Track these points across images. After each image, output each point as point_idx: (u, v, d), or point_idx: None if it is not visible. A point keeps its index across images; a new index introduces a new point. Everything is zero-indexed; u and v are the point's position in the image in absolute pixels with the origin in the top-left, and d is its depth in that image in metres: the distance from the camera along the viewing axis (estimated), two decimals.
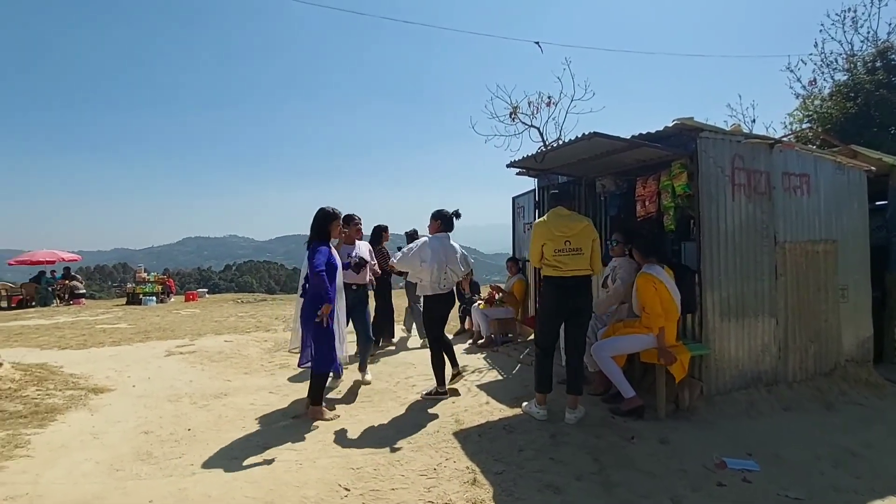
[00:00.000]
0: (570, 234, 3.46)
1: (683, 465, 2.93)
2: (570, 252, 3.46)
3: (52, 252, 16.62)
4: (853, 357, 4.60)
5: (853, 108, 9.65)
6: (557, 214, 3.59)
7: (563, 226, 3.48)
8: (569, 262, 3.46)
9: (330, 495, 2.60)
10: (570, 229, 3.47)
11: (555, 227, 3.48)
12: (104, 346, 6.68)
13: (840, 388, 4.30)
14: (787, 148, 4.33)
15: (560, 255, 3.46)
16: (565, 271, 3.47)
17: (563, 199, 3.68)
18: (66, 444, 3.27)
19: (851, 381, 4.41)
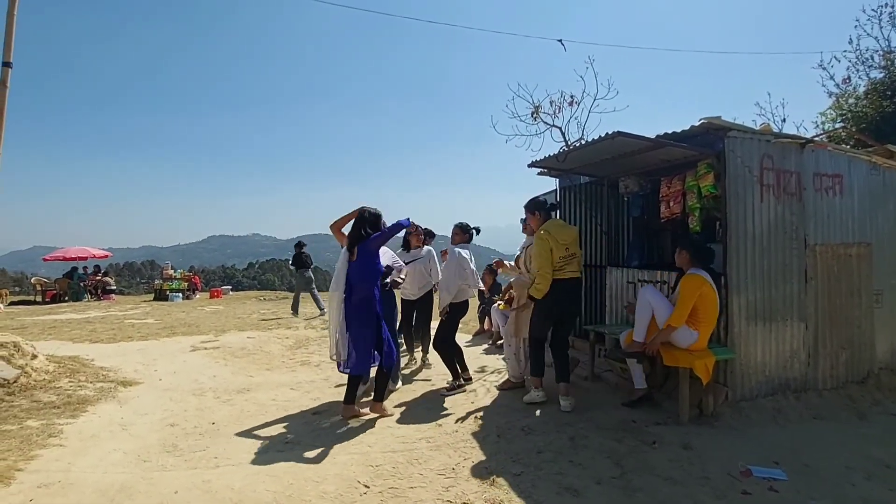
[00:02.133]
0: (569, 241, 3.89)
1: (706, 471, 2.87)
2: (569, 257, 3.87)
3: (84, 249, 17.24)
4: (888, 365, 4.43)
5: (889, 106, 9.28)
6: (556, 224, 3.99)
7: (564, 234, 3.89)
8: (570, 266, 3.88)
9: (349, 491, 2.62)
10: (569, 236, 3.91)
11: (558, 236, 3.85)
12: (133, 340, 6.88)
13: (873, 396, 4.15)
14: (819, 148, 4.20)
15: (563, 261, 3.85)
16: (567, 274, 3.86)
17: (555, 209, 4.07)
18: (96, 434, 3.38)
19: (885, 389, 4.24)
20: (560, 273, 3.84)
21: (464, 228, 4.61)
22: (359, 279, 3.72)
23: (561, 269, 3.84)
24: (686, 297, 3.54)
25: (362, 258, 3.75)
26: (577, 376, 4.73)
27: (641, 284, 4.58)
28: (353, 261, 3.76)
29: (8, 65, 4.85)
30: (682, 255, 3.75)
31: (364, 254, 3.74)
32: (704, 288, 3.55)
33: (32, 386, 4.19)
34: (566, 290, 3.89)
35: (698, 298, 3.53)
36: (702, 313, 3.55)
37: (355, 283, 3.72)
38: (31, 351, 4.65)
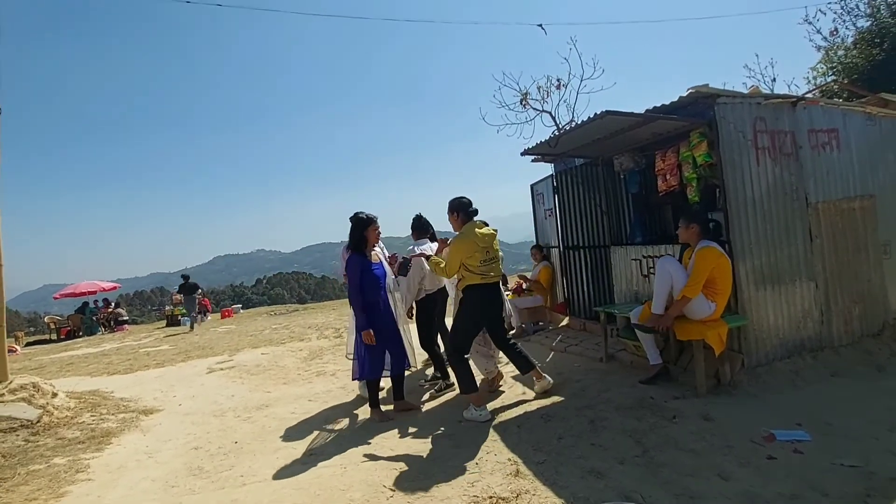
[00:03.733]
0: (489, 244, 3.70)
1: (729, 441, 2.87)
2: (490, 261, 3.70)
3: (93, 283, 17.38)
4: None
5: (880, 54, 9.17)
6: (475, 227, 3.74)
7: (483, 237, 3.69)
8: (491, 269, 3.71)
9: (375, 496, 2.64)
10: (489, 240, 3.71)
11: (478, 240, 3.66)
12: (149, 368, 6.95)
13: (891, 348, 4.13)
14: (811, 104, 4.16)
15: (485, 264, 3.67)
16: (489, 278, 3.69)
17: (474, 215, 3.82)
18: (123, 464, 3.43)
19: None
20: (486, 278, 3.66)
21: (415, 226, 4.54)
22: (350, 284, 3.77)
23: (484, 273, 3.65)
24: (702, 268, 3.50)
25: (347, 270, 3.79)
26: (590, 358, 4.74)
27: (648, 260, 4.58)
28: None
29: None
30: (691, 230, 3.65)
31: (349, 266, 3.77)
32: (721, 259, 3.53)
33: (55, 424, 4.25)
34: (491, 295, 3.73)
35: (716, 269, 3.51)
36: (720, 284, 3.53)
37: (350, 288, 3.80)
38: (51, 389, 4.71)
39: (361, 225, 3.80)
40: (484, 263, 3.66)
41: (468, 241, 3.65)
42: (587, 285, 6.11)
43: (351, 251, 3.83)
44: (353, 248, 3.82)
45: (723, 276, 3.54)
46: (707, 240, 3.62)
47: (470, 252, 3.63)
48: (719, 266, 3.52)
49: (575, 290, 6.28)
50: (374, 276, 3.81)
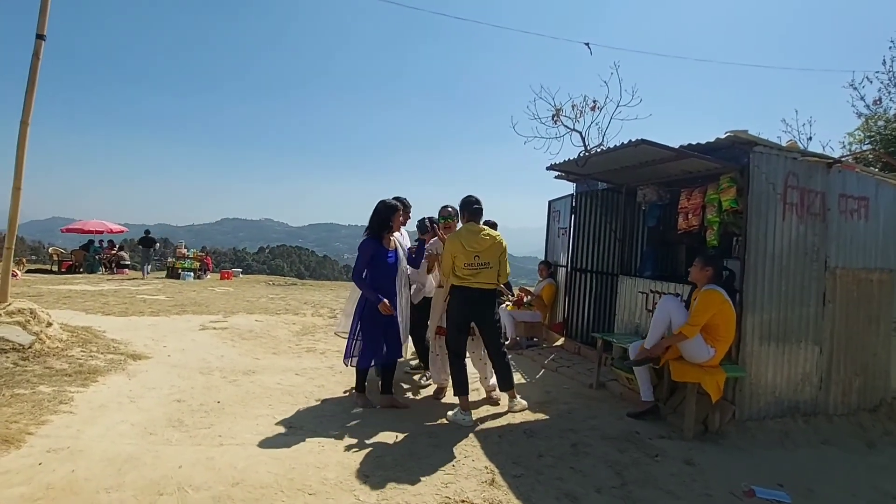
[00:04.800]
0: (480, 249, 3.60)
1: (709, 488, 2.83)
2: (479, 266, 3.60)
3: (102, 223, 17.52)
4: None
5: None
6: (469, 230, 3.68)
7: (475, 241, 3.60)
8: (477, 275, 3.61)
9: (349, 479, 2.64)
10: (480, 244, 3.61)
11: (466, 242, 3.60)
12: (144, 315, 6.99)
13: (885, 426, 4.07)
14: (846, 168, 4.12)
15: (469, 268, 3.59)
16: (472, 283, 3.61)
17: (477, 215, 3.76)
18: (105, 404, 3.44)
19: None
20: (467, 281, 3.60)
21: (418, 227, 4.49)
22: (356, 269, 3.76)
23: (470, 276, 3.58)
24: (702, 310, 3.46)
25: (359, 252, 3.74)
26: (580, 383, 4.71)
27: (654, 295, 4.54)
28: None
29: (41, 37, 4.93)
30: (706, 272, 3.59)
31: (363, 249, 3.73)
32: (725, 305, 3.48)
33: (46, 353, 4.28)
34: (467, 298, 3.62)
35: (718, 314, 3.46)
36: (722, 330, 3.49)
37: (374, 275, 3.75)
38: (47, 319, 4.74)
39: (389, 210, 3.80)
40: (468, 267, 3.58)
41: (455, 241, 3.63)
42: (588, 309, 6.07)
43: (367, 234, 3.81)
44: (370, 231, 3.80)
45: (725, 323, 3.50)
46: (714, 284, 3.58)
47: (456, 252, 3.59)
48: (722, 312, 3.48)
49: (575, 312, 6.24)
50: (386, 263, 3.79)
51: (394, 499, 2.48)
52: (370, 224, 3.82)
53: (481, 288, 3.62)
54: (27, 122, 4.90)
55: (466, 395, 3.67)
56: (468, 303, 3.64)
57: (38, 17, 4.93)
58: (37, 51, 4.92)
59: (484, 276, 3.62)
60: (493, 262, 3.64)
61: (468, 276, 3.60)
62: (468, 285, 3.61)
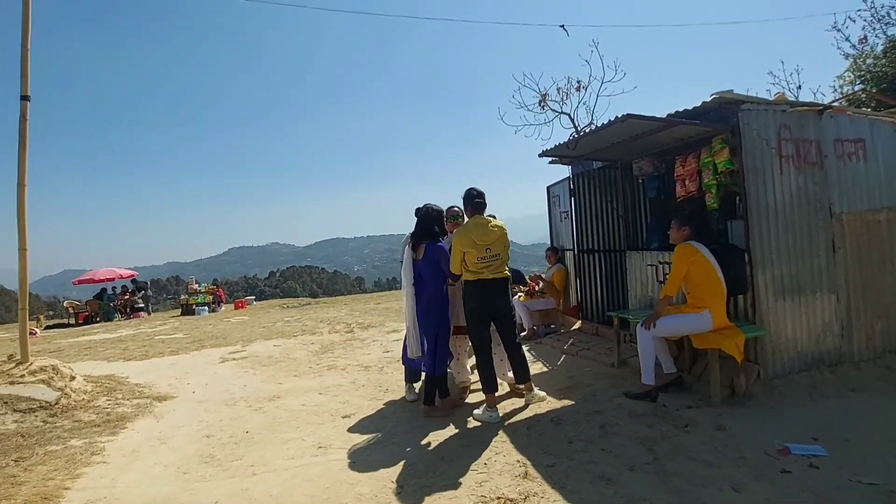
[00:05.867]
0: (490, 241, 3.61)
1: (742, 452, 2.82)
2: (490, 259, 3.61)
3: (112, 270, 17.71)
4: None
5: None
6: (477, 223, 3.67)
7: (484, 234, 3.61)
8: (489, 267, 3.61)
9: (384, 492, 2.66)
10: (490, 237, 3.61)
11: (476, 237, 3.60)
12: (164, 355, 7.06)
13: None
14: (837, 113, 4.07)
15: (482, 262, 3.59)
16: (488, 275, 3.61)
17: (480, 208, 3.74)
18: (136, 449, 3.49)
19: None
20: (482, 275, 3.60)
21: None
22: (430, 277, 3.76)
23: (485, 269, 3.59)
24: (675, 266, 3.55)
25: (430, 257, 3.76)
26: (602, 363, 4.70)
27: (664, 266, 4.52)
28: (420, 259, 3.79)
29: (26, 98, 5.00)
30: (682, 232, 3.68)
31: (433, 252, 3.76)
32: (696, 257, 3.52)
33: (73, 406, 4.34)
34: (489, 291, 3.62)
35: (693, 269, 3.51)
36: (703, 287, 3.52)
37: (427, 281, 3.77)
38: (70, 373, 4.81)
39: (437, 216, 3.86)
40: (481, 261, 3.59)
41: (464, 236, 3.62)
42: (601, 289, 6.06)
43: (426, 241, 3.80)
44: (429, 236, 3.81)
45: (702, 276, 3.52)
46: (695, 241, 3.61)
47: (466, 247, 3.59)
48: (695, 264, 3.51)
49: (588, 293, 6.23)
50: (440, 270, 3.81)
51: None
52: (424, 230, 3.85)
53: (495, 277, 3.64)
54: (23, 183, 4.98)
55: (494, 391, 3.68)
56: (486, 294, 3.64)
57: (20, 79, 5.00)
58: (23, 112, 5.00)
59: (496, 267, 3.65)
60: (503, 253, 3.67)
61: (482, 269, 3.60)
62: (483, 277, 3.61)
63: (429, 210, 3.86)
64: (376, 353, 6.23)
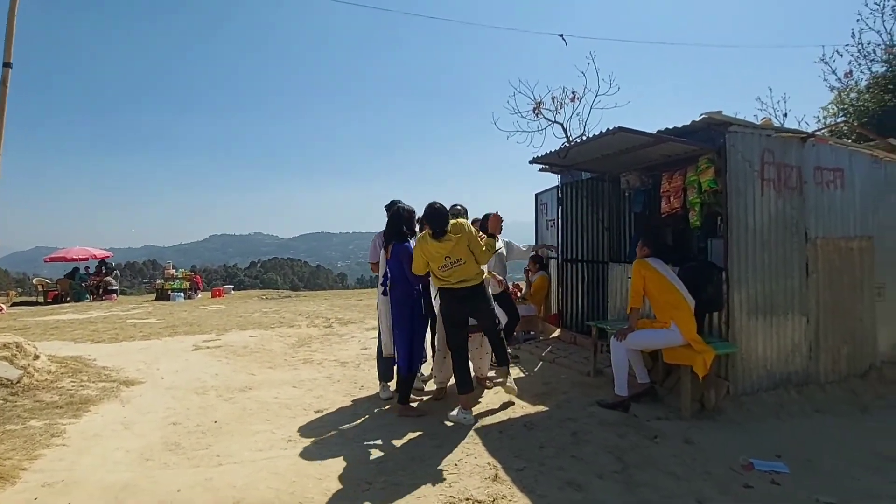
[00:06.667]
0: (446, 251, 3.53)
1: (709, 466, 2.87)
2: (453, 266, 3.55)
3: (85, 249, 17.25)
4: (890, 358, 4.42)
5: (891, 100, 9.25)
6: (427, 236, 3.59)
7: (439, 246, 3.54)
8: (455, 274, 3.57)
9: (352, 488, 2.63)
10: (444, 248, 3.53)
11: (432, 249, 3.55)
12: (134, 340, 6.89)
13: (876, 390, 4.15)
14: (820, 142, 4.19)
15: (445, 270, 3.56)
16: (454, 283, 3.58)
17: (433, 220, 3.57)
18: (99, 433, 3.39)
19: (888, 383, 4.24)
20: (448, 283, 3.58)
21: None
22: (398, 276, 3.76)
23: (449, 277, 3.56)
24: (631, 281, 3.73)
25: (395, 257, 3.76)
26: (578, 372, 4.74)
27: None
28: (390, 258, 3.79)
29: (8, 65, 4.85)
30: (643, 250, 3.83)
31: (398, 253, 3.75)
32: (649, 272, 3.66)
33: (35, 386, 4.20)
34: (460, 298, 3.61)
35: (648, 282, 3.66)
36: (661, 298, 3.65)
37: (396, 280, 3.76)
38: (34, 351, 4.66)
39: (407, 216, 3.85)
40: (443, 269, 3.56)
41: (422, 248, 3.59)
42: (582, 299, 6.11)
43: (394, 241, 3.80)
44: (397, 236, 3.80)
45: (658, 290, 3.66)
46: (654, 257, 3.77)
47: (426, 258, 3.58)
48: (649, 279, 3.66)
49: (569, 302, 6.28)
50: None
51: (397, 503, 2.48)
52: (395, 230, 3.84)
53: (465, 286, 3.59)
54: None
55: (469, 392, 3.67)
56: (458, 301, 3.64)
57: (3, 45, 4.84)
58: (4, 78, 4.84)
59: (462, 272, 3.56)
60: (465, 256, 3.56)
61: (447, 277, 3.58)
62: (451, 287, 3.59)
63: (399, 210, 3.86)
64: (354, 349, 6.18)
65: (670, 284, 3.67)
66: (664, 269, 3.72)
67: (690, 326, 3.58)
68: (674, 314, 3.60)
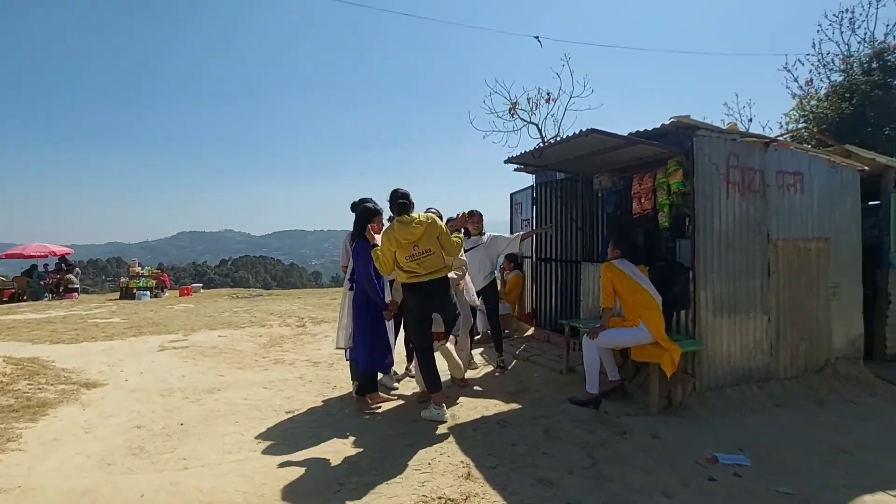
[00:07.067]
0: (415, 238, 3.46)
1: (675, 460, 2.95)
2: (421, 256, 3.48)
3: (44, 246, 16.46)
4: (844, 354, 4.63)
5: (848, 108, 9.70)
6: (400, 223, 3.52)
7: (407, 232, 3.46)
8: (422, 264, 3.49)
9: (324, 489, 2.60)
10: (413, 234, 3.46)
11: (400, 236, 3.47)
12: (97, 340, 6.63)
13: (831, 385, 4.34)
14: (781, 147, 4.35)
15: (412, 259, 3.48)
16: (423, 276, 3.51)
17: (404, 209, 3.56)
18: (57, 437, 3.26)
19: (842, 378, 4.44)
20: (417, 276, 3.50)
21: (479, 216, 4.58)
22: (360, 273, 3.77)
23: (417, 268, 3.48)
24: (602, 281, 3.87)
25: (356, 255, 3.78)
26: (551, 370, 4.81)
27: None
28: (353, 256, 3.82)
29: None
30: (614, 253, 3.95)
31: (358, 251, 3.77)
32: (615, 273, 3.79)
33: None
34: (426, 292, 3.54)
35: (616, 283, 3.78)
36: (627, 300, 3.77)
37: (359, 276, 3.78)
38: None
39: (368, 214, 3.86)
40: (410, 259, 3.47)
41: (389, 236, 3.52)
42: (555, 298, 6.20)
43: (357, 239, 3.82)
44: (359, 235, 3.83)
45: (626, 291, 3.77)
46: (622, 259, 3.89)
47: (393, 247, 3.49)
48: (617, 281, 3.79)
49: (543, 301, 6.36)
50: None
51: (370, 503, 2.46)
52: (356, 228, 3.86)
53: (432, 279, 3.54)
54: None
55: (439, 390, 3.67)
56: (424, 298, 3.58)
57: None
58: None
59: (430, 263, 3.51)
60: (434, 247, 3.51)
61: (415, 269, 3.50)
62: (419, 280, 3.52)
63: (365, 209, 3.87)
64: (327, 348, 6.10)
65: (637, 285, 3.77)
66: (631, 270, 3.81)
67: (659, 325, 3.68)
68: (642, 313, 3.70)
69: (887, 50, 10.07)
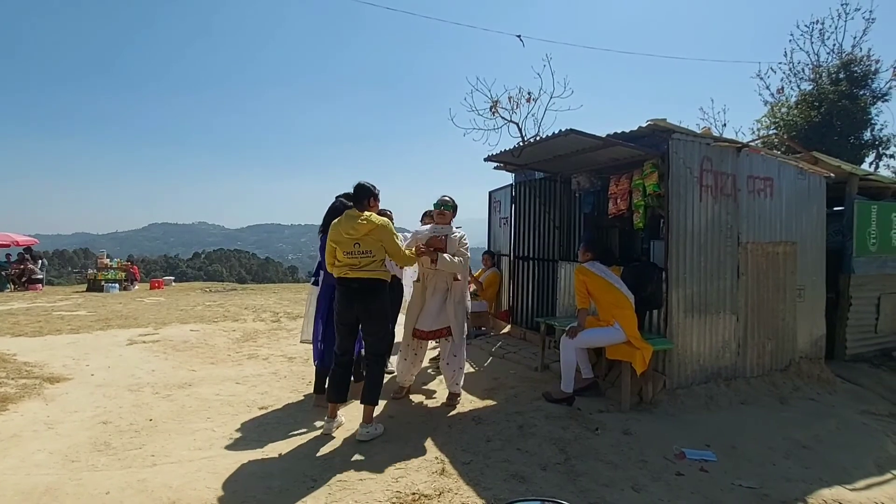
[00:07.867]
0: (357, 236, 3.22)
1: (645, 455, 3.02)
2: (360, 255, 3.25)
3: (6, 235, 15.78)
4: (807, 354, 4.82)
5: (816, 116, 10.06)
6: (348, 216, 3.30)
7: (352, 227, 3.22)
8: (358, 263, 3.25)
9: (296, 486, 2.57)
10: (357, 231, 3.22)
11: (344, 229, 3.25)
12: (61, 333, 6.41)
13: (794, 383, 4.51)
14: (753, 152, 4.48)
15: (350, 257, 3.25)
16: (353, 273, 3.25)
17: (360, 202, 3.35)
18: (17, 434, 3.14)
19: (805, 377, 4.62)
20: (348, 272, 3.25)
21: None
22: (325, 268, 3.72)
23: (352, 264, 3.24)
24: (575, 284, 3.95)
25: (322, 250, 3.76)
26: (526, 367, 4.86)
27: None
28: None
29: None
30: (586, 255, 4.03)
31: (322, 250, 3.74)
32: (588, 276, 3.88)
33: None
34: (353, 291, 3.26)
35: (589, 286, 3.87)
36: (601, 301, 3.87)
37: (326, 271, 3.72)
38: None
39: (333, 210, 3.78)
40: (348, 256, 3.24)
41: (334, 229, 3.32)
42: (532, 296, 6.26)
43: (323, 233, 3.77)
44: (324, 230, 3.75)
45: (598, 292, 3.87)
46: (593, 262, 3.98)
47: (335, 240, 3.29)
48: (589, 283, 3.88)
49: (520, 299, 6.41)
50: None
51: (343, 500, 2.45)
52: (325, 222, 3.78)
53: (360, 278, 3.25)
54: None
55: (335, 402, 3.37)
56: (350, 295, 3.27)
57: None
58: None
59: (364, 266, 3.26)
60: (376, 249, 3.25)
61: (344, 268, 3.27)
62: (346, 276, 3.26)
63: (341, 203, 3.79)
64: (302, 344, 6.03)
65: (610, 285, 3.85)
66: (602, 271, 3.90)
67: (632, 324, 3.76)
68: (616, 312, 3.78)
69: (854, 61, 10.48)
